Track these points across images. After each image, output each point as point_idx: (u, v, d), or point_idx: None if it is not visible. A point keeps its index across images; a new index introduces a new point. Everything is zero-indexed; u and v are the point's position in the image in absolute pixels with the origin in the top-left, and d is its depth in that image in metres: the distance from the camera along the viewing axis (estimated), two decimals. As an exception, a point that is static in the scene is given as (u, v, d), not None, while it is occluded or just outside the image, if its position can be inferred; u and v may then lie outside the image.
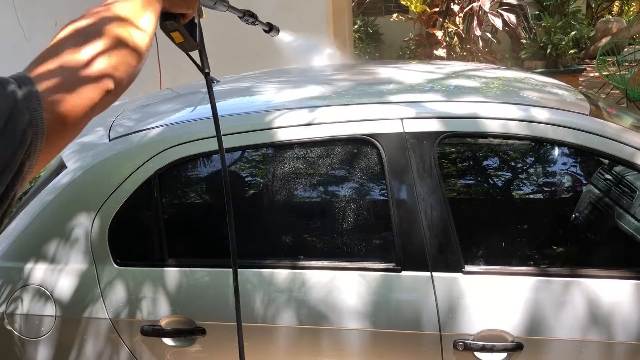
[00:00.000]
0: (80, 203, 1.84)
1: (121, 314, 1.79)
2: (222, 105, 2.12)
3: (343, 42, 7.81)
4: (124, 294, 1.80)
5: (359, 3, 13.16)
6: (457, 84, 2.16)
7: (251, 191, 1.94)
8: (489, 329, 1.66)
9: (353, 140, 1.82)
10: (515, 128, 1.76)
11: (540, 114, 1.77)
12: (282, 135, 1.81)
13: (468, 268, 1.71)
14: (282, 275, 1.76)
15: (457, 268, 1.71)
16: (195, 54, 1.21)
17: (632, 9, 15.76)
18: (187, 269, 1.80)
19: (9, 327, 1.80)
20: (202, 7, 1.29)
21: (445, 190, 1.76)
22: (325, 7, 4.58)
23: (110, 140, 1.92)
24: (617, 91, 7.98)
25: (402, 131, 1.78)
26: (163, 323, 1.78)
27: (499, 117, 1.77)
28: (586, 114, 1.82)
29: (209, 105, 2.12)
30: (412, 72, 2.32)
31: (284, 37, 2.18)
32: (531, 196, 1.95)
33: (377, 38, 13.45)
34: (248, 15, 1.87)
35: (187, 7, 1.08)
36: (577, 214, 2.14)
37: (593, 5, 14.39)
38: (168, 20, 1.10)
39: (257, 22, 1.91)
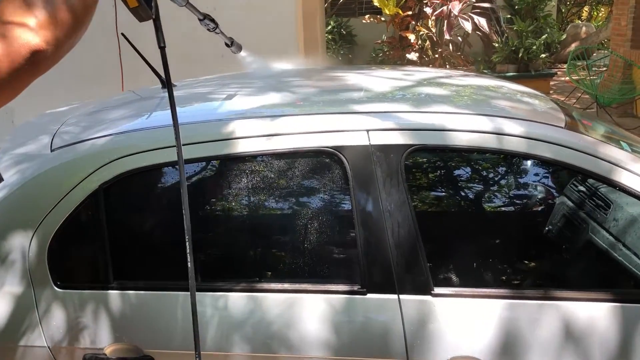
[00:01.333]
0: (17, 220, 1.68)
1: (61, 341, 1.64)
2: (179, 113, 1.97)
3: (315, 43, 7.69)
4: (64, 319, 1.65)
5: (332, 4, 13.07)
6: (426, 92, 2.06)
7: (206, 207, 1.80)
8: (460, 355, 1.56)
9: (316, 152, 1.70)
10: (487, 141, 1.66)
11: (513, 127, 1.68)
12: (239, 147, 1.67)
13: (437, 290, 1.60)
14: (237, 298, 1.63)
15: (426, 290, 1.60)
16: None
17: (600, 14, 16.00)
18: (134, 292, 1.66)
19: None
20: None
21: (413, 206, 1.65)
22: (295, 9, 4.46)
23: (52, 150, 1.76)
24: (587, 96, 8.03)
25: (367, 144, 1.66)
26: (108, 351, 1.63)
27: (469, 130, 1.67)
28: (561, 127, 1.73)
29: (162, 112, 1.99)
30: (380, 79, 2.21)
31: (246, 56, 2.18)
32: (504, 213, 1.86)
33: (351, 39, 13.38)
34: (209, 20, 1.84)
35: None
36: (551, 232, 2.05)
37: (563, 10, 14.57)
38: None
39: (218, 31, 1.90)
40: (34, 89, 1.08)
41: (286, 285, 1.65)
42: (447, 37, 7.07)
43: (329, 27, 12.81)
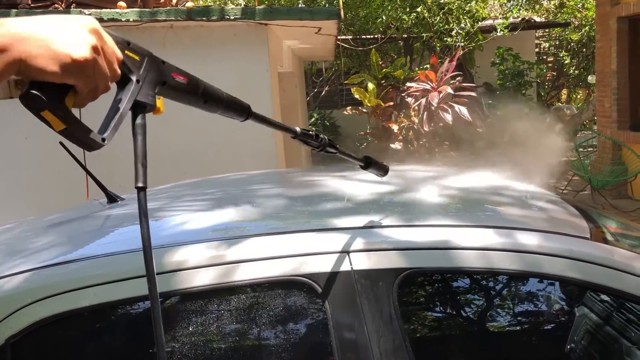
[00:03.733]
0: None
1: None
2: (114, 237, 1.63)
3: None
4: None
5: (314, 97, 13.21)
6: (419, 199, 1.73)
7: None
8: None
9: (281, 284, 1.34)
10: (500, 261, 1.32)
11: (530, 240, 1.34)
12: (182, 281, 1.31)
13: None
14: None
15: None
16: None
17: (578, 96, 16.32)
18: None
19: None
20: (163, 93, 0.90)
21: (414, 351, 1.27)
22: (271, 103, 4.27)
23: (-50, 294, 1.38)
24: (577, 178, 7.84)
25: (349, 269, 1.31)
26: None
27: (477, 247, 1.33)
28: (587, 238, 1.40)
29: (97, 236, 1.63)
30: (361, 183, 1.89)
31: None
32: (529, 353, 1.48)
33: (335, 130, 13.41)
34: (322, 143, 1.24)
35: (59, 70, 0.69)
36: (576, 353, 1.67)
37: (542, 94, 14.82)
38: (35, 89, 0.71)
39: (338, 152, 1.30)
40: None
41: None
42: (426, 129, 6.96)
43: (312, 119, 12.85)
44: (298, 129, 1.20)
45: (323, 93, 13.32)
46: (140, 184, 0.81)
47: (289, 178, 2.21)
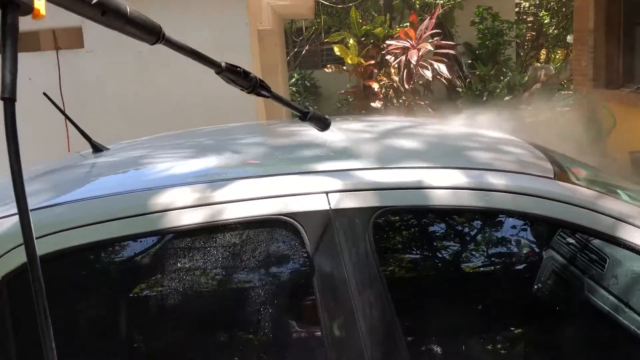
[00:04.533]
0: None
1: None
2: (102, 183, 1.68)
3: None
4: None
5: (295, 56, 13.12)
6: (393, 145, 1.81)
7: (134, 297, 1.48)
8: None
9: (265, 222, 1.41)
10: (468, 198, 1.41)
11: (496, 180, 1.43)
12: (171, 220, 1.38)
13: (421, 383, 1.30)
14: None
15: (408, 384, 1.30)
16: None
17: (557, 56, 16.39)
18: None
19: None
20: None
21: (387, 282, 1.37)
22: (252, 63, 4.27)
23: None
24: (554, 136, 7.97)
25: (327, 208, 1.39)
26: None
27: (446, 186, 1.41)
28: (551, 177, 1.49)
29: (84, 182, 1.68)
30: (340, 132, 1.96)
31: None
32: (495, 282, 1.59)
33: (315, 91, 13.37)
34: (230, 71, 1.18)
35: None
36: (542, 292, 1.79)
37: (522, 54, 14.87)
38: None
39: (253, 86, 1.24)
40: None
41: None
42: (406, 87, 7.00)
43: (293, 80, 12.80)
44: (223, 63, 1.14)
45: (303, 52, 13.23)
46: (7, 95, 0.69)
47: (271, 129, 2.27)
